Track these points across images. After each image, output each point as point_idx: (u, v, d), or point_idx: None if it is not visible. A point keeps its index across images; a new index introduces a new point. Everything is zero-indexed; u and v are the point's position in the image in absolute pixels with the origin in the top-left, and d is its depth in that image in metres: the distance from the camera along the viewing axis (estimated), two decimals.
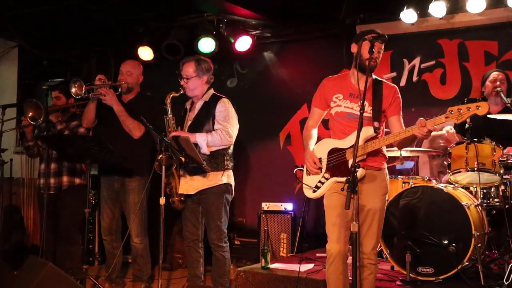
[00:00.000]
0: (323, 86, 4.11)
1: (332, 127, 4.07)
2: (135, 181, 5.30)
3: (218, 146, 4.81)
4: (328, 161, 3.93)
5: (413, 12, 6.16)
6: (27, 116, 5.33)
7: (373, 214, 3.88)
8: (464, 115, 3.49)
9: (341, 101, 3.98)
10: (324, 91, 4.08)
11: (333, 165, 3.91)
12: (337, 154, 3.90)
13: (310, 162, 3.97)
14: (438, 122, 3.62)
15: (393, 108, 3.96)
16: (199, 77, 4.92)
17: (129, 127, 5.21)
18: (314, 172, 3.96)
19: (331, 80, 4.11)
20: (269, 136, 7.49)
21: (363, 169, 3.79)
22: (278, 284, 4.80)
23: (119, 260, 5.47)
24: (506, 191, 4.81)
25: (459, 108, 3.50)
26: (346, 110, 3.95)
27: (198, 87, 4.94)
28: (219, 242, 4.90)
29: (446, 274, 4.48)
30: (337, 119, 3.99)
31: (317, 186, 3.97)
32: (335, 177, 3.88)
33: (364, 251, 3.90)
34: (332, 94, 4.03)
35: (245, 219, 7.48)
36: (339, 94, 3.99)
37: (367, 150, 3.79)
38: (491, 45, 6.26)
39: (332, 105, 4.02)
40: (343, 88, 4.00)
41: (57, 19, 6.99)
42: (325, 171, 3.94)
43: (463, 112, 3.49)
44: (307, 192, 4.05)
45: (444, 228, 4.56)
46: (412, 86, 6.59)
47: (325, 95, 4.06)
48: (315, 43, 7.20)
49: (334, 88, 4.04)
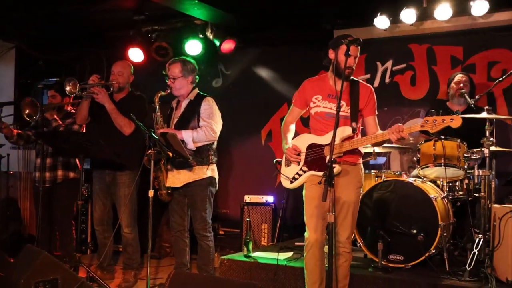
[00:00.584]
0: (303, 87, 4.12)
1: (312, 125, 4.08)
2: (125, 175, 5.28)
3: (203, 141, 4.81)
4: (307, 155, 3.95)
5: (385, 19, 6.18)
6: (24, 113, 5.29)
7: (348, 206, 3.91)
8: (439, 126, 3.53)
9: (320, 102, 4.00)
10: (304, 92, 4.09)
11: (311, 159, 3.93)
12: (315, 150, 3.92)
13: (290, 150, 3.98)
14: (414, 130, 3.66)
15: (369, 109, 3.98)
16: (184, 77, 4.91)
17: (120, 124, 5.18)
18: (294, 158, 3.97)
19: (311, 82, 4.12)
20: (252, 133, 7.49)
21: (339, 166, 3.81)
22: (259, 271, 4.82)
23: (110, 249, 5.45)
24: (469, 184, 4.86)
25: (434, 119, 3.53)
26: (325, 110, 3.97)
27: (184, 87, 4.93)
28: (204, 231, 4.90)
29: (415, 261, 4.53)
30: (317, 118, 4.01)
31: (294, 178, 4.00)
32: (312, 170, 3.91)
33: (339, 239, 3.92)
34: (312, 95, 4.04)
35: (228, 210, 7.48)
36: (319, 95, 4.01)
37: (344, 149, 3.81)
38: (457, 50, 6.30)
39: (312, 106, 4.04)
40: (322, 90, 4.01)
41: (53, 22, 6.95)
42: (303, 164, 3.96)
43: (438, 123, 3.52)
44: (285, 183, 4.07)
45: (413, 218, 4.60)
46: (385, 87, 6.62)
47: (305, 96, 4.08)
48: (295, 46, 7.20)
49: (313, 90, 4.05)
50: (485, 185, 4.55)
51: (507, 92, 6.01)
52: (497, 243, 4.21)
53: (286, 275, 4.65)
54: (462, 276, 4.20)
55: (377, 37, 6.47)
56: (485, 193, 4.54)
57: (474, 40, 6.19)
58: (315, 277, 3.93)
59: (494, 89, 5.65)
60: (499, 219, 4.19)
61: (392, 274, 4.40)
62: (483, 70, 6.15)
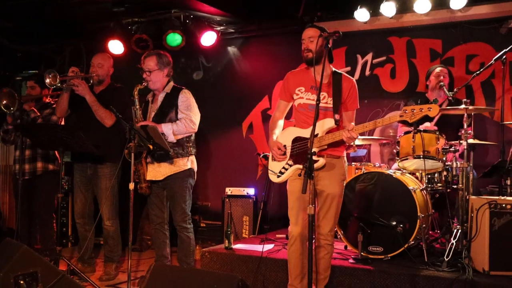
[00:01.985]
0: (286, 80, 4.12)
1: (296, 118, 4.08)
2: (106, 167, 5.25)
3: (183, 134, 4.81)
4: (292, 149, 3.95)
5: (365, 12, 6.20)
6: (1, 104, 5.22)
7: (331, 198, 3.92)
8: (417, 115, 3.56)
9: (303, 94, 3.99)
10: (288, 84, 4.09)
11: (296, 153, 3.92)
12: (300, 143, 3.92)
13: (275, 149, 3.97)
14: (369, 128, 3.70)
15: (350, 102, 3.98)
16: (160, 70, 4.89)
17: (101, 116, 5.14)
18: (279, 157, 3.96)
19: (294, 74, 4.12)
20: (233, 125, 7.47)
21: (323, 159, 3.82)
22: (240, 263, 4.82)
23: (91, 242, 5.42)
24: (448, 176, 4.90)
25: (412, 109, 3.56)
26: (308, 102, 3.96)
27: (159, 80, 4.90)
28: (184, 223, 4.90)
29: (394, 252, 4.58)
30: (300, 110, 4.01)
31: (281, 172, 3.99)
32: (297, 164, 3.90)
33: (321, 232, 3.95)
34: (294, 87, 4.04)
35: (210, 203, 7.47)
36: (301, 87, 4.01)
37: (326, 142, 3.81)
38: (436, 43, 6.35)
39: (295, 97, 4.03)
40: (304, 81, 4.01)
41: (31, 13, 6.84)
42: (289, 158, 3.96)
43: (416, 112, 3.55)
44: (272, 177, 4.06)
45: (392, 210, 4.63)
46: (365, 79, 6.65)
47: (288, 88, 4.08)
48: (276, 39, 7.19)
49: (296, 82, 4.05)
50: (463, 177, 4.60)
51: (485, 85, 6.07)
52: (474, 234, 4.26)
53: (267, 267, 4.66)
54: (440, 267, 4.24)
55: (357, 30, 6.49)
56: (463, 185, 4.60)
57: (453, 33, 6.24)
58: (298, 271, 3.94)
59: (472, 82, 5.70)
60: (476, 210, 4.24)
61: (371, 265, 4.43)
62: (461, 63, 6.20)
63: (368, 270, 4.34)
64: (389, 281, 4.22)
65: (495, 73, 5.97)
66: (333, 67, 4.02)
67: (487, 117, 6.04)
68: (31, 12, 6.77)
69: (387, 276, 4.24)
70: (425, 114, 3.53)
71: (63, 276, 4.05)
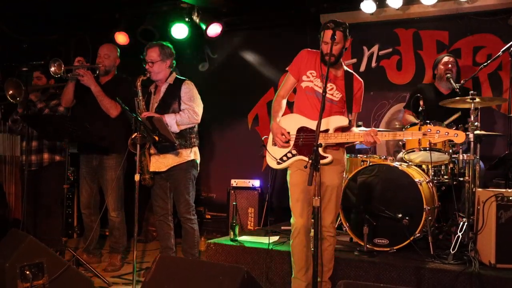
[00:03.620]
0: (301, 57, 3.96)
1: (299, 101, 3.95)
2: (112, 158, 5.25)
3: (186, 124, 4.80)
4: (297, 138, 3.87)
5: (372, 3, 6.15)
6: (8, 94, 5.22)
7: (331, 190, 3.89)
8: (441, 138, 3.56)
9: (313, 78, 3.87)
10: (301, 61, 3.93)
11: (302, 143, 3.85)
12: (307, 134, 3.83)
13: (279, 134, 3.85)
14: (390, 138, 3.67)
15: (355, 104, 3.93)
16: (163, 61, 4.87)
17: (106, 107, 5.14)
18: (282, 144, 3.87)
19: (309, 53, 3.95)
20: (238, 117, 7.45)
21: (331, 156, 3.77)
22: (245, 255, 4.81)
23: (96, 233, 5.43)
24: (454, 169, 4.87)
25: (437, 130, 3.54)
26: (315, 88, 3.85)
27: (162, 71, 4.89)
28: (188, 214, 4.90)
29: (400, 245, 4.55)
30: (306, 93, 3.88)
31: (282, 159, 3.91)
32: (302, 155, 3.83)
33: (324, 224, 3.91)
34: (307, 68, 3.89)
35: (215, 194, 7.46)
36: (313, 71, 3.88)
37: (339, 140, 3.75)
38: (443, 34, 6.30)
39: (305, 79, 3.90)
40: (317, 67, 3.87)
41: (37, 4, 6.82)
42: (292, 147, 3.88)
43: (441, 135, 3.55)
44: (271, 163, 3.97)
45: (398, 202, 4.60)
46: (371, 71, 6.61)
47: (301, 65, 3.92)
48: (282, 30, 7.15)
49: (310, 63, 3.90)
50: (469, 169, 4.56)
51: (492, 77, 6.02)
52: (480, 226, 4.22)
53: (272, 258, 4.64)
54: (446, 260, 4.21)
55: (363, 22, 6.45)
56: (470, 178, 4.56)
57: (459, 24, 6.18)
58: (302, 263, 3.91)
59: (479, 74, 5.66)
60: (483, 203, 4.21)
61: (377, 257, 4.40)
62: (468, 55, 6.15)
63: (374, 262, 4.31)
64: (394, 274, 4.19)
65: (503, 65, 5.91)
66: (345, 66, 3.96)
67: (494, 110, 5.99)
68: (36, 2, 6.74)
69: (393, 269, 4.21)
70: (450, 139, 3.51)
71: (69, 267, 4.06)
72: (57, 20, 7.40)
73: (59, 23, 7.51)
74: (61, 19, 7.35)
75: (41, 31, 7.71)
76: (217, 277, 3.04)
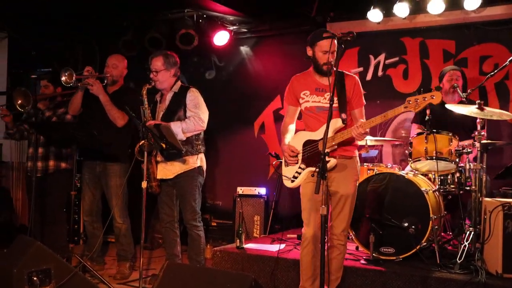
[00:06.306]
0: (291, 84, 4.12)
1: (305, 121, 4.08)
2: (116, 165, 5.29)
3: (192, 131, 4.83)
4: (303, 152, 3.95)
5: (379, 12, 6.19)
6: (16, 104, 5.26)
7: (345, 199, 3.92)
8: (421, 104, 3.54)
9: (308, 97, 4.00)
10: (293, 89, 4.09)
11: (307, 156, 3.93)
12: (310, 146, 3.92)
13: (288, 152, 3.97)
14: (376, 123, 3.68)
15: (355, 100, 3.97)
16: (167, 70, 4.91)
17: (113, 116, 5.18)
18: (291, 160, 3.96)
19: (298, 78, 4.11)
20: (245, 125, 7.47)
21: (334, 159, 3.81)
22: (251, 263, 4.82)
23: (100, 241, 5.43)
24: (461, 178, 4.86)
25: (416, 98, 3.54)
26: (314, 104, 3.97)
27: (166, 80, 4.93)
28: (194, 221, 4.91)
29: (406, 254, 4.55)
30: (308, 113, 4.01)
31: (294, 177, 3.99)
32: (310, 167, 3.90)
33: (335, 232, 3.94)
34: (299, 91, 4.04)
35: (221, 202, 7.47)
36: (306, 91, 4.01)
37: (336, 141, 3.81)
38: (449, 44, 6.31)
39: (301, 101, 4.04)
40: (309, 85, 4.01)
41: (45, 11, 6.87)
42: (301, 162, 3.96)
43: (420, 101, 3.54)
44: (286, 183, 4.06)
45: (405, 211, 4.61)
46: (377, 80, 6.63)
47: (294, 92, 4.08)
48: (288, 38, 7.18)
49: (301, 86, 4.04)
50: (476, 178, 4.56)
51: (498, 87, 6.03)
52: (487, 236, 4.23)
53: (278, 266, 4.65)
54: (453, 269, 4.21)
55: (370, 30, 6.47)
56: (476, 187, 4.56)
57: (466, 34, 6.20)
58: (310, 273, 3.93)
59: (486, 83, 5.65)
60: (490, 212, 4.21)
61: (383, 266, 4.41)
62: (475, 64, 6.16)
63: (380, 271, 4.32)
64: (400, 283, 4.20)
65: (509, 75, 5.93)
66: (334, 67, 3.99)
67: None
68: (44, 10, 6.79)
69: (399, 278, 4.22)
70: (429, 102, 3.51)
71: (76, 273, 4.07)
72: (65, 27, 7.44)
73: (67, 30, 7.55)
74: (69, 25, 7.39)
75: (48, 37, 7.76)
76: (225, 285, 3.06)
